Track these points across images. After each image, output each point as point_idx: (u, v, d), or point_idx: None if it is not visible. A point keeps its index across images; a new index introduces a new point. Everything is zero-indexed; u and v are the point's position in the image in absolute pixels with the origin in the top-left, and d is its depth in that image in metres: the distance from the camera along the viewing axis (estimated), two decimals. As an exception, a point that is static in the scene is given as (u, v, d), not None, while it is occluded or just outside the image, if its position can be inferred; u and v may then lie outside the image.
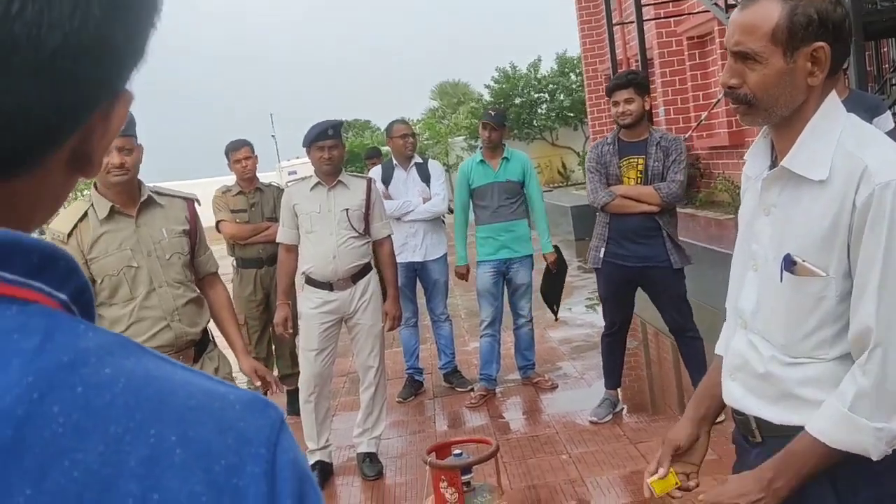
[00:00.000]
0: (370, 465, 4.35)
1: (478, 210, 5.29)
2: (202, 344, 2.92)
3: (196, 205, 3.08)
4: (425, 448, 4.60)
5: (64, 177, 0.53)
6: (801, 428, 1.44)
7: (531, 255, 5.33)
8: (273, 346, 5.24)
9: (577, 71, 22.30)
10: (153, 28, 0.52)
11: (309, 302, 4.24)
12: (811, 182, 1.41)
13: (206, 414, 0.49)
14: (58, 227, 2.70)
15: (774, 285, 1.47)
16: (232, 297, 5.32)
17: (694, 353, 4.41)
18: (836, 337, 1.41)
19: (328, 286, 4.21)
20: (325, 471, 4.35)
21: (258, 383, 3.10)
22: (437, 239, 5.50)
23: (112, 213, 2.75)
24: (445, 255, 5.57)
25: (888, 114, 4.41)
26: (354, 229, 4.22)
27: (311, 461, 4.33)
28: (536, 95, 23.79)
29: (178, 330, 2.78)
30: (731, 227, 6.92)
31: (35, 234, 0.52)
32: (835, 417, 1.37)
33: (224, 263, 5.89)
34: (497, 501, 2.56)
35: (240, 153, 5.42)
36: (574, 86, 23.01)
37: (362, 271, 4.29)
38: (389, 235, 4.46)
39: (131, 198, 2.79)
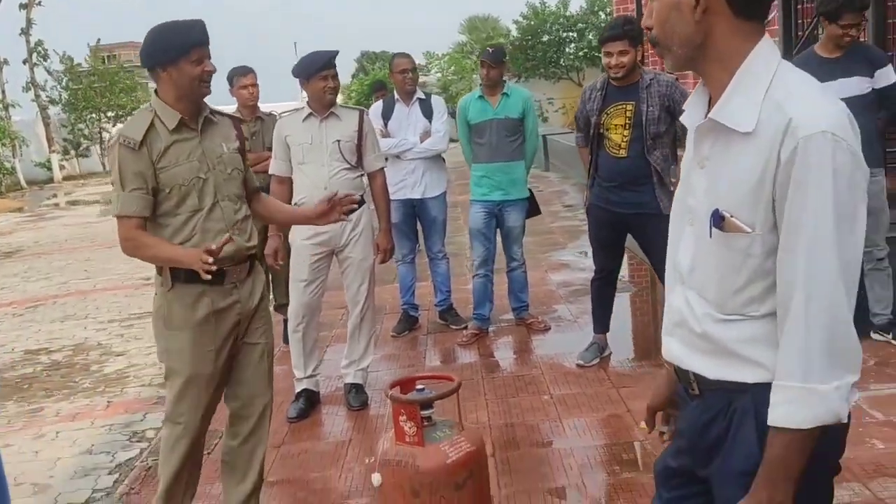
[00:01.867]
0: (355, 396, 4.43)
1: (475, 147, 5.24)
2: (253, 259, 2.98)
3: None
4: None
5: None
6: (735, 383, 1.43)
7: (525, 199, 5.28)
8: (270, 276, 5.29)
9: (608, 10, 21.76)
10: None
11: (300, 233, 4.27)
12: (739, 134, 1.37)
13: None
14: (130, 134, 2.71)
15: (706, 241, 1.45)
16: None
17: None
18: (766, 293, 1.40)
19: (318, 218, 4.22)
20: (311, 399, 4.44)
21: None
22: (437, 176, 5.47)
23: (180, 125, 2.77)
24: (444, 193, 5.54)
25: (889, 67, 4.28)
26: (346, 161, 4.21)
27: (298, 389, 4.43)
28: (565, 34, 23.33)
29: (238, 243, 2.83)
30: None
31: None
32: (795, 399, 1.32)
33: None
34: (456, 436, 2.60)
35: (246, 79, 5.40)
36: (603, 25, 22.49)
37: (354, 204, 4.29)
38: (382, 168, 4.45)
39: (196, 112, 2.82)
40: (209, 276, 2.56)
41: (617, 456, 3.53)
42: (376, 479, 2.58)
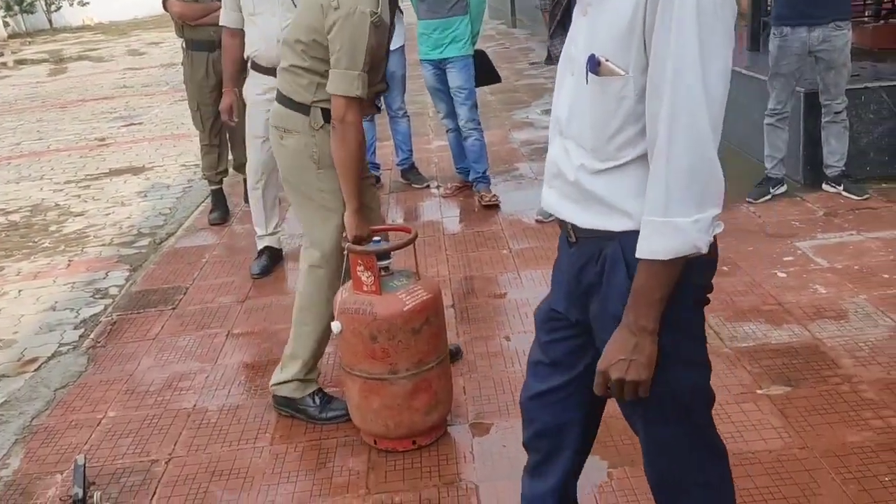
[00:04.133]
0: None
1: (418, 3, 5.01)
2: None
3: None
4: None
5: None
6: (605, 231, 1.48)
7: (466, 57, 5.00)
8: (227, 134, 5.20)
9: None
10: None
11: (255, 88, 4.15)
12: None
13: None
14: (377, 8, 2.60)
15: (584, 88, 1.47)
16: (183, 81, 5.23)
17: None
18: (638, 136, 1.42)
19: (273, 72, 4.08)
20: (274, 256, 4.47)
21: None
22: (394, 29, 5.28)
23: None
24: (402, 47, 5.39)
25: None
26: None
27: (260, 246, 4.46)
28: None
29: None
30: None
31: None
32: (656, 231, 1.37)
33: (174, 46, 5.69)
34: (413, 286, 2.66)
35: None
36: None
37: (310, 58, 4.16)
38: None
39: None
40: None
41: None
42: (336, 326, 2.65)
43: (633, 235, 1.42)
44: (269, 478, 2.64)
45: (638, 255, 1.40)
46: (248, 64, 4.16)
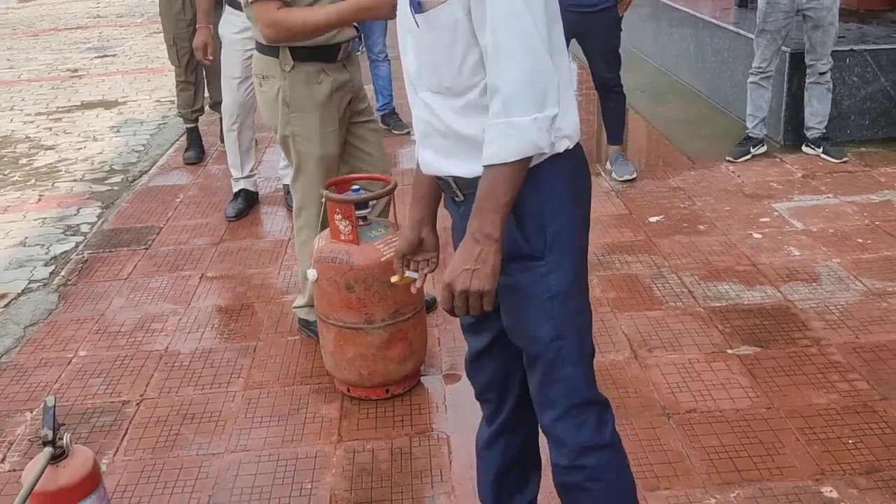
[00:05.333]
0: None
1: None
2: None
3: None
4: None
5: None
6: None
7: None
8: (204, 71, 5.07)
9: None
10: None
11: (231, 26, 4.04)
12: None
13: None
14: None
15: (418, 34, 1.47)
16: (159, 14, 5.07)
17: (615, 107, 4.50)
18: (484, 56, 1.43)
19: (253, 10, 3.99)
20: (250, 199, 4.42)
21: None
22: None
23: None
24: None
25: None
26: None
27: (236, 189, 4.39)
28: None
29: None
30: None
31: None
32: (498, 135, 1.38)
33: None
34: (391, 236, 2.64)
35: None
36: None
37: (289, -5, 4.05)
38: None
39: None
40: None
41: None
42: (312, 274, 2.63)
43: None
44: (241, 422, 2.64)
45: (483, 162, 1.40)
46: (225, 1, 4.04)
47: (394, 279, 1.77)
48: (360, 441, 2.52)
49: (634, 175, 4.46)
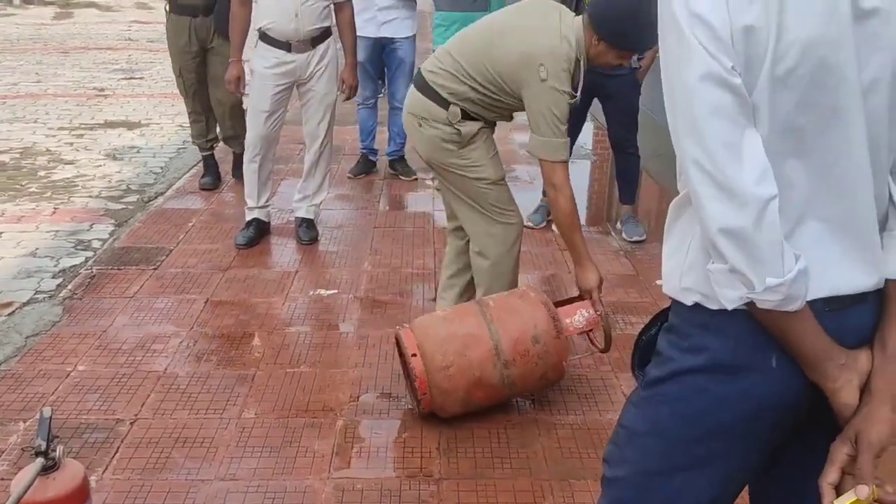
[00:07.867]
0: (306, 231, 4.46)
1: None
2: None
3: None
4: (364, 224, 4.74)
5: None
6: None
7: None
8: (212, 104, 5.13)
9: None
10: None
11: (264, 61, 4.12)
12: None
13: None
14: None
15: None
16: (167, 45, 5.14)
17: (628, 168, 4.55)
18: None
19: (287, 46, 4.08)
20: (261, 228, 4.45)
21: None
22: (407, 16, 5.23)
23: None
24: (414, 36, 5.37)
25: None
26: (315, -13, 4.03)
27: (249, 217, 4.43)
28: None
29: None
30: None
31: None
32: None
33: (158, 6, 5.66)
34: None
35: None
36: None
37: (322, 35, 4.15)
38: (350, 0, 4.28)
39: None
40: None
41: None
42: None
43: None
44: (232, 450, 2.63)
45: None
46: (258, 35, 4.13)
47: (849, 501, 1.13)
48: (349, 479, 2.51)
49: (644, 237, 4.49)
